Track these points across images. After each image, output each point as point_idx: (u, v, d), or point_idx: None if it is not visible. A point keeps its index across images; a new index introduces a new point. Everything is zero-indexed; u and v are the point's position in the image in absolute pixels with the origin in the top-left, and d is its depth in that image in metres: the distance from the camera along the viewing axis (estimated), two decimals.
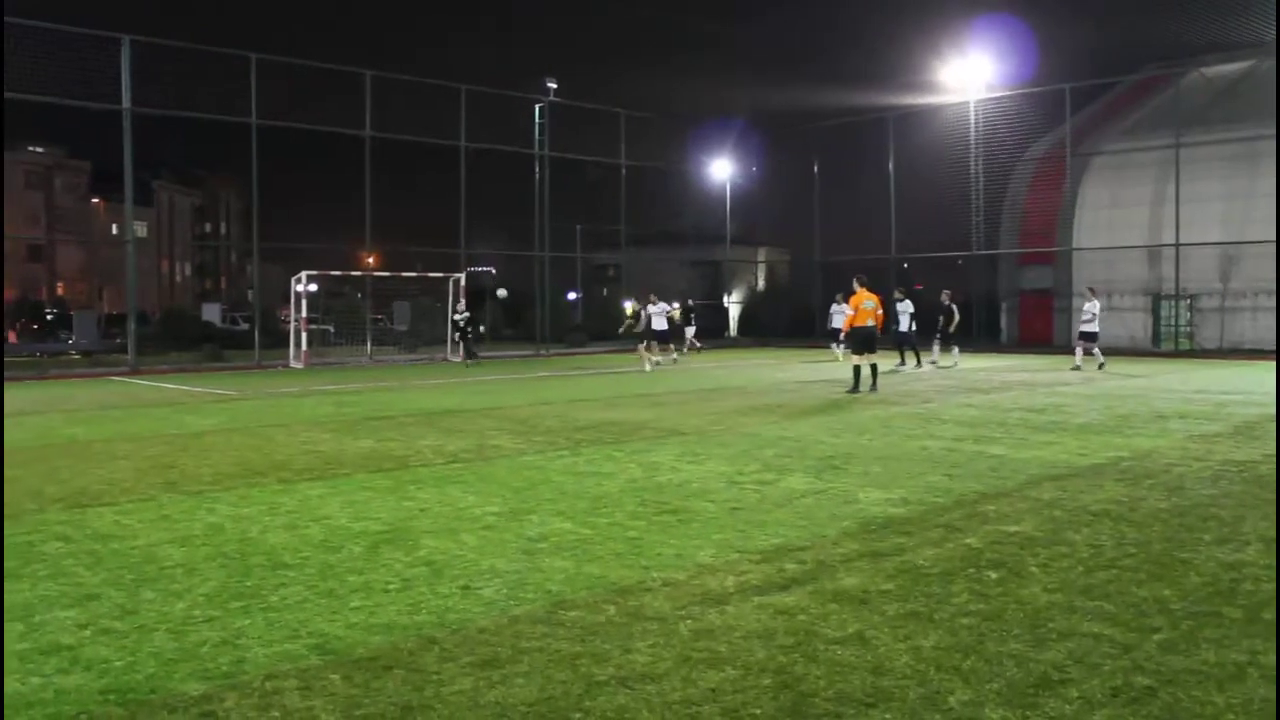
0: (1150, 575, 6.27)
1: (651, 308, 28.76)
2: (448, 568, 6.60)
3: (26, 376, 26.43)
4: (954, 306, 27.79)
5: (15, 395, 20.59)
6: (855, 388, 18.93)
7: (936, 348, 27.80)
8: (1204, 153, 33.50)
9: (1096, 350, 25.89)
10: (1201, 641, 5.06)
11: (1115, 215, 36.74)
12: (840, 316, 30.87)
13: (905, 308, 26.75)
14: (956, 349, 28.06)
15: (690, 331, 35.56)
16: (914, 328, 26.74)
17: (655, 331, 28.62)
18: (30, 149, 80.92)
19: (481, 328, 30.49)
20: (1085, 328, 26.01)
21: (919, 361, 26.38)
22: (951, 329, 27.53)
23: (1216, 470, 10.07)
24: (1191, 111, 34.37)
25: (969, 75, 39.89)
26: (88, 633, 5.36)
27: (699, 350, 35.11)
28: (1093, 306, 26.10)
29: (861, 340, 19.44)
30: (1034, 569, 6.44)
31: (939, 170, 40.42)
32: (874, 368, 19.46)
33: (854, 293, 19.69)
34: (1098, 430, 13.37)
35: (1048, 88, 37.91)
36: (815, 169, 44.16)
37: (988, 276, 40.82)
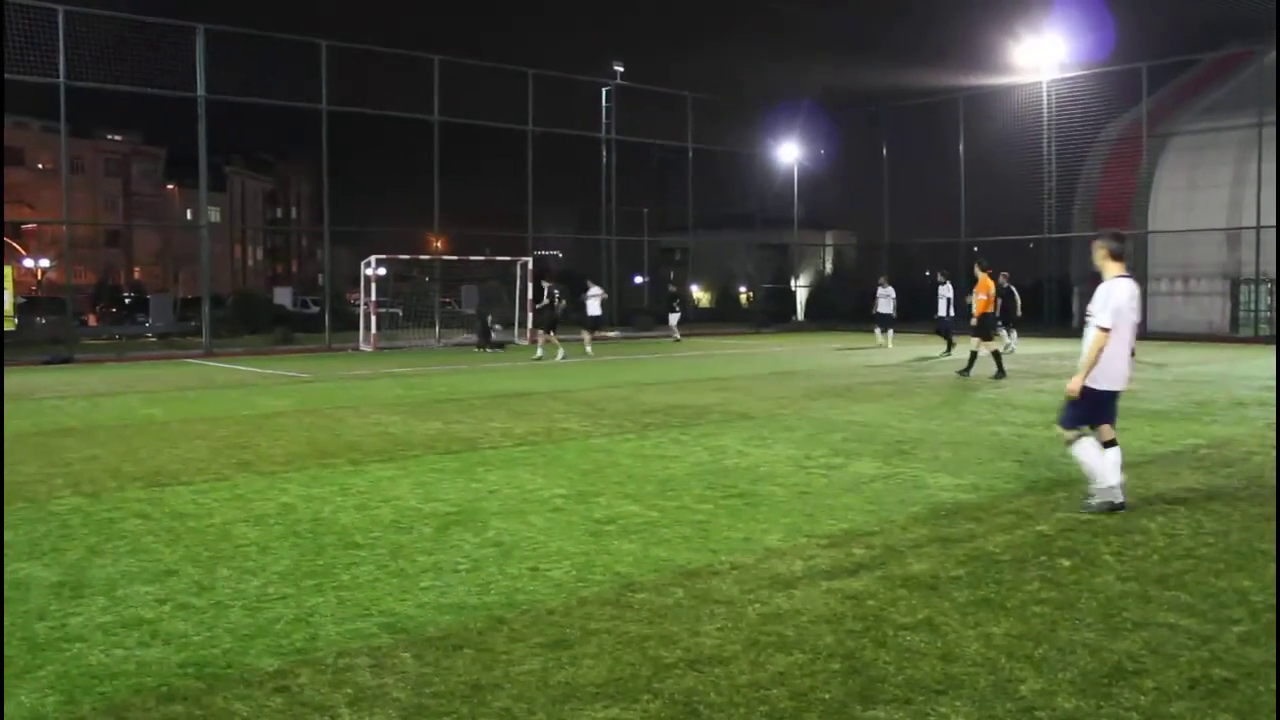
0: (1229, 566, 6.14)
1: (587, 293, 28.10)
2: (516, 549, 6.65)
3: (106, 358, 27.07)
4: (1014, 289, 26.91)
5: (95, 376, 21.11)
6: (1001, 371, 18.86)
7: (1007, 333, 27.15)
8: None
9: None
10: None
11: (1193, 197, 35.82)
12: (886, 301, 29.77)
13: (945, 292, 25.63)
14: (1014, 333, 27.15)
15: (674, 319, 34.98)
16: (952, 313, 25.62)
17: (589, 318, 28.13)
18: (109, 136, 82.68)
19: (493, 322, 30.16)
20: None
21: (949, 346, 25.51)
22: (1018, 312, 26.74)
23: None
24: (1275, 90, 33.36)
25: (1043, 55, 39.09)
26: (167, 608, 5.49)
27: (677, 340, 34.03)
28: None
29: (991, 324, 19.64)
30: (1108, 557, 6.34)
31: (1011, 152, 39.70)
32: (974, 354, 19.35)
33: (978, 279, 19.53)
34: (1173, 417, 13.10)
35: (1124, 67, 37.02)
36: (884, 151, 43.63)
37: (1060, 259, 40.07)
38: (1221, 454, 10.21)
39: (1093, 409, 7.60)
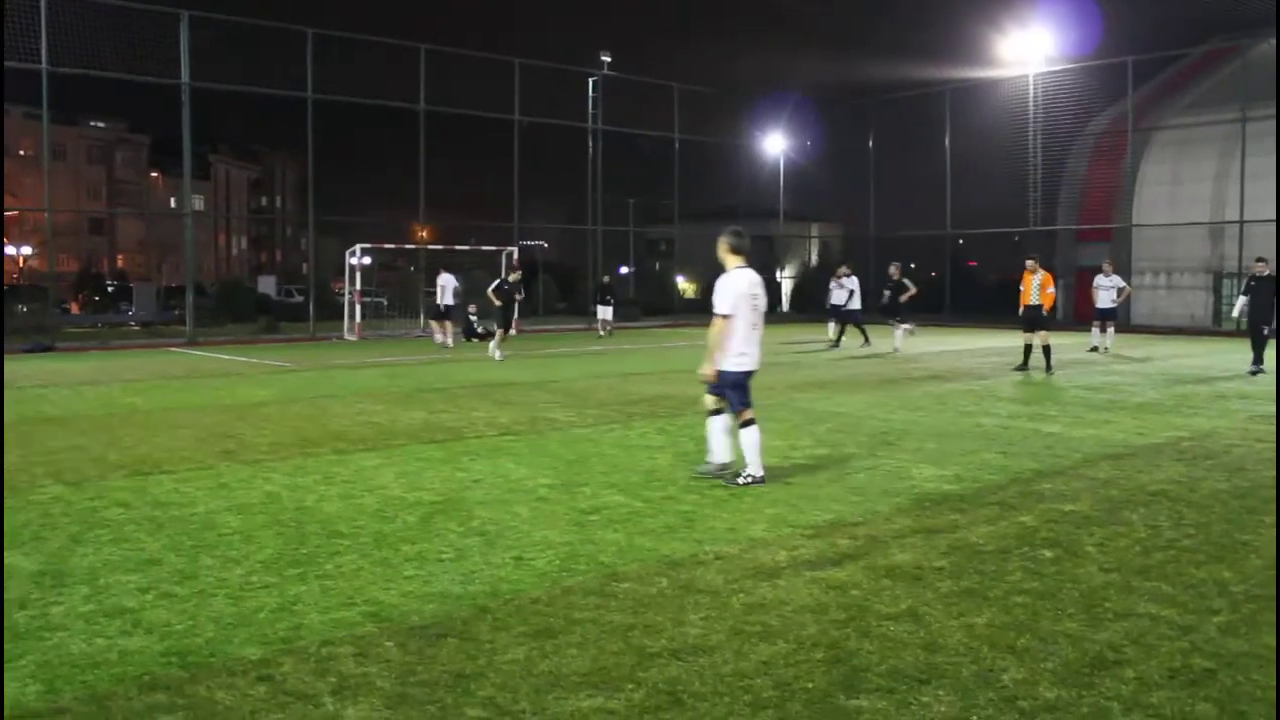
0: (1210, 557, 6.18)
1: (440, 279, 26.09)
2: (500, 538, 6.65)
3: (89, 347, 26.93)
4: (906, 281, 25.61)
5: (78, 366, 21.00)
6: (1026, 365, 18.83)
7: (898, 332, 25.06)
8: (1271, 127, 32.59)
9: (1095, 330, 24.40)
10: (1263, 625, 4.98)
11: (1177, 191, 35.97)
12: (839, 292, 26.96)
13: (850, 284, 25.62)
14: (908, 326, 25.77)
15: (606, 312, 31.69)
16: (857, 305, 25.62)
17: (446, 307, 26.10)
18: (92, 124, 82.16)
19: (473, 314, 29.55)
20: (1101, 304, 24.59)
21: (866, 339, 25.27)
22: (902, 299, 25.19)
23: None
24: (1259, 85, 33.50)
25: (1029, 48, 39.14)
26: (149, 596, 5.47)
27: (605, 335, 31.14)
28: (1110, 281, 24.74)
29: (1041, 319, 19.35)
30: (1090, 548, 6.37)
31: (997, 145, 39.75)
32: (1046, 348, 18.97)
33: (1040, 275, 19.40)
34: (1156, 409, 13.17)
35: (1110, 60, 37.10)
36: (870, 143, 43.67)
37: (1045, 253, 40.07)
38: (1203, 446, 10.27)
39: (731, 389, 8.36)
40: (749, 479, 8.32)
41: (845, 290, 26.76)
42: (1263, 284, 18.37)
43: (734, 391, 8.38)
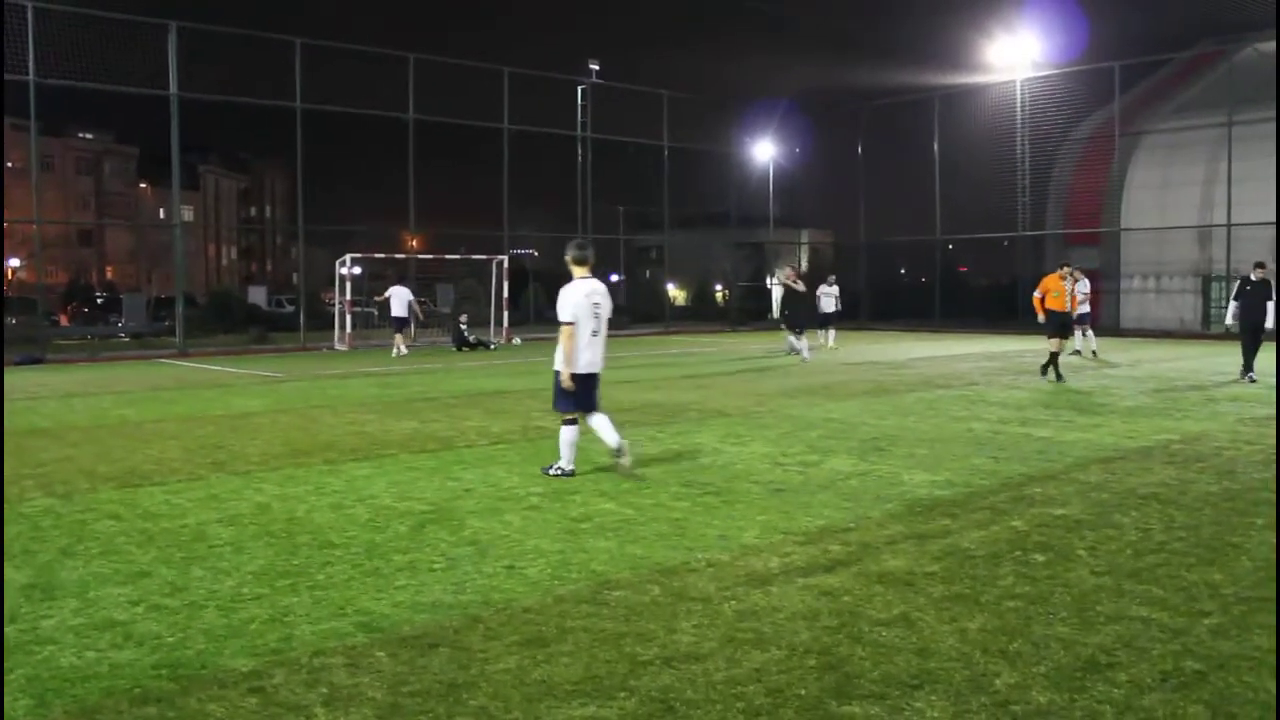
0: (1200, 559, 6.19)
1: (392, 290, 27.08)
2: (492, 547, 6.64)
3: (78, 359, 26.83)
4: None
5: (68, 377, 20.93)
6: (1059, 375, 18.19)
7: (828, 334, 25.72)
8: (1257, 131, 32.75)
9: (1078, 333, 24.37)
10: (1254, 627, 5.00)
11: (1165, 195, 36.10)
12: (829, 299, 27.92)
13: (832, 291, 26.99)
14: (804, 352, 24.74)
15: None
16: (839, 308, 27.33)
17: (393, 319, 27.10)
18: (80, 135, 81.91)
19: (463, 324, 29.58)
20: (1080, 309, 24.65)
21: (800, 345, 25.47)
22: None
23: (1269, 454, 9.91)
24: (1245, 89, 33.68)
25: (1016, 54, 39.29)
26: (140, 609, 5.45)
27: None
28: (1082, 287, 24.79)
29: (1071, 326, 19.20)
30: (1081, 552, 6.38)
31: (985, 151, 39.87)
32: (1055, 355, 18.66)
33: (1079, 279, 19.53)
34: (1146, 413, 13.20)
35: (1096, 66, 37.26)
36: (859, 149, 43.76)
37: (1034, 258, 40.30)
38: (1193, 449, 10.30)
39: (571, 392, 8.93)
40: (558, 471, 9.06)
41: (830, 297, 27.47)
42: (1257, 288, 18.35)
43: (577, 391, 8.92)
